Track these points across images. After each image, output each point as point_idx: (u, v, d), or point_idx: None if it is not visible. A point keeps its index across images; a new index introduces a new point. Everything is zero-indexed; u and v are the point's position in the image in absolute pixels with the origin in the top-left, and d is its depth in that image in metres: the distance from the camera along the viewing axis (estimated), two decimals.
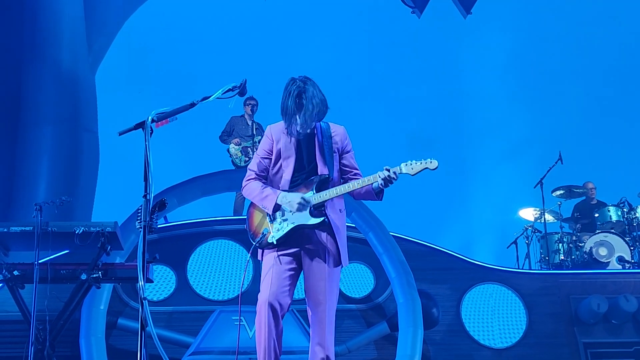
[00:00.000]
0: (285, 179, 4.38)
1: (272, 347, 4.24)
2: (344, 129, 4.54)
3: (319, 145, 4.40)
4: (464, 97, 17.93)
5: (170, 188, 7.71)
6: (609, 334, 8.12)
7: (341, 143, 4.47)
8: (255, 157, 4.53)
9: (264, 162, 4.47)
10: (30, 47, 10.59)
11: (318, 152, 4.39)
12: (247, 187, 4.46)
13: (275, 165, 4.44)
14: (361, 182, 4.30)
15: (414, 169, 4.26)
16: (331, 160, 4.39)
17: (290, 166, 4.38)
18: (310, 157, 4.40)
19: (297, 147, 4.40)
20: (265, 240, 4.33)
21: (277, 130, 4.47)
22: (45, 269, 5.78)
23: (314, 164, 4.38)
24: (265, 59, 16.99)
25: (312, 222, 4.25)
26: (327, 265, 4.32)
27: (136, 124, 3.80)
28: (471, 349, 8.02)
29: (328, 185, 4.34)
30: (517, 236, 11.05)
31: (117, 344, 7.64)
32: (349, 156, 4.50)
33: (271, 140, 4.45)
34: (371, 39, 18.34)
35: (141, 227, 3.67)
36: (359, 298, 8.19)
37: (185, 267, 8.17)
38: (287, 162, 4.39)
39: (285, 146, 4.40)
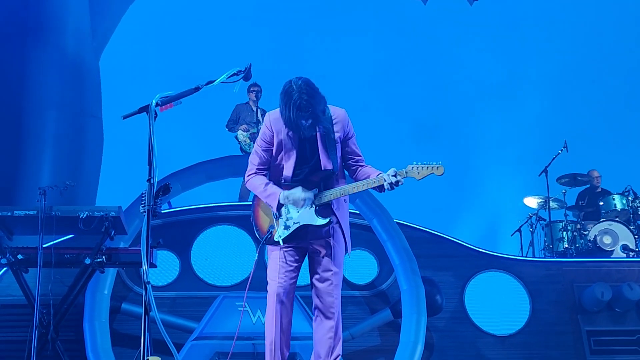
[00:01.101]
0: (286, 174, 4.34)
1: (279, 339, 4.26)
2: (344, 113, 4.47)
3: (321, 138, 4.34)
4: (469, 84, 17.87)
5: (174, 173, 7.70)
6: (613, 322, 8.11)
7: (343, 130, 4.41)
8: (256, 149, 4.47)
9: (265, 155, 4.42)
10: (35, 31, 10.56)
11: (320, 144, 4.33)
12: (250, 182, 4.44)
13: (277, 157, 4.39)
14: (367, 183, 4.27)
15: (420, 174, 4.25)
16: (334, 152, 4.34)
17: (292, 160, 4.34)
18: (313, 150, 4.34)
19: (300, 141, 4.35)
20: (271, 237, 4.34)
21: (276, 121, 4.38)
22: (49, 253, 5.79)
23: (317, 157, 4.34)
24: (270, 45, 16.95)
25: (319, 222, 4.25)
26: (332, 253, 4.32)
27: (140, 107, 3.79)
28: (474, 336, 8.02)
29: (332, 178, 4.31)
30: (522, 224, 11.03)
31: (120, 328, 7.65)
32: (351, 142, 4.46)
33: (271, 132, 4.38)
34: (376, 25, 18.26)
35: (145, 211, 3.67)
36: (363, 285, 8.18)
37: (189, 252, 8.17)
38: (289, 155, 4.34)
39: (286, 139, 4.35)
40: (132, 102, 4.08)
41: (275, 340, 4.27)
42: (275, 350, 4.28)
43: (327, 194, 4.25)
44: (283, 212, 4.28)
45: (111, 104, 12.10)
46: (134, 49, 16.74)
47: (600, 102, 17.51)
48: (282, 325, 4.27)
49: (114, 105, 11.00)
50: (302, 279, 4.81)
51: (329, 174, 4.30)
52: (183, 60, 16.96)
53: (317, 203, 4.26)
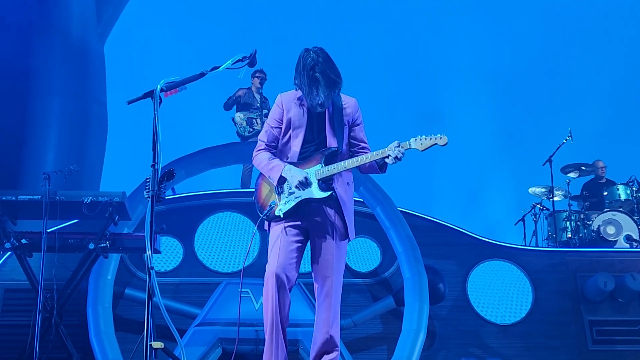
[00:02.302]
0: (294, 150, 4.36)
1: (279, 319, 4.24)
2: (355, 101, 4.49)
3: (329, 118, 4.36)
4: (474, 73, 17.83)
5: (178, 160, 7.70)
6: (615, 312, 8.11)
7: (352, 115, 4.43)
8: (266, 127, 4.49)
9: (274, 132, 4.43)
10: (40, 17, 10.54)
11: (328, 124, 4.35)
12: (256, 158, 4.45)
13: (285, 135, 4.41)
14: (370, 156, 4.26)
15: (423, 145, 4.21)
16: (341, 132, 4.35)
17: (300, 137, 4.35)
18: (320, 128, 4.36)
19: (308, 119, 4.36)
20: (272, 212, 4.32)
21: (288, 100, 4.42)
22: (53, 238, 5.81)
23: (324, 136, 4.35)
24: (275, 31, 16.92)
25: (320, 195, 4.24)
26: (333, 239, 4.32)
27: (145, 93, 3.78)
28: (477, 324, 8.03)
29: (336, 158, 4.32)
30: (525, 213, 11.02)
31: (124, 313, 7.68)
32: (358, 129, 4.47)
33: (282, 109, 4.41)
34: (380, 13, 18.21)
35: (149, 197, 3.66)
36: (366, 272, 8.20)
37: (192, 238, 8.19)
38: (297, 132, 4.36)
39: (295, 116, 4.37)
40: (137, 87, 4.08)
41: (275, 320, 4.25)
42: (276, 330, 4.26)
43: (329, 168, 4.25)
44: (285, 187, 4.27)
45: (116, 89, 12.09)
46: (138, 34, 16.73)
47: (605, 91, 17.47)
48: (280, 305, 4.24)
49: (119, 91, 11.02)
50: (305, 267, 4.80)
51: (334, 152, 4.30)
52: (188, 46, 16.94)
53: (319, 177, 4.25)
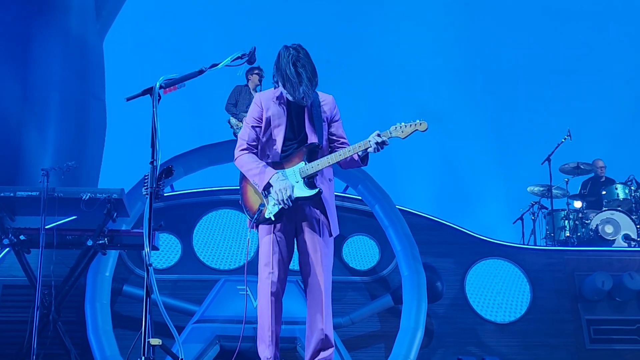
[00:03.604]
0: (275, 149, 4.34)
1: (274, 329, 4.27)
2: (332, 98, 4.50)
3: (308, 114, 4.36)
4: (473, 72, 17.83)
5: (177, 156, 7.70)
6: (613, 311, 8.12)
7: (330, 112, 4.43)
8: (245, 126, 4.45)
9: (255, 131, 4.41)
10: (39, 13, 10.53)
11: (307, 120, 4.35)
12: (240, 159, 4.40)
13: (265, 133, 4.39)
14: (352, 148, 4.24)
15: (404, 132, 4.22)
16: (320, 128, 4.35)
17: (281, 135, 4.33)
18: (300, 125, 4.35)
19: (287, 116, 4.35)
20: (262, 215, 4.29)
21: (266, 98, 4.41)
22: (52, 234, 5.80)
23: (304, 133, 4.34)
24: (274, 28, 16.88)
25: (308, 194, 4.22)
26: (321, 237, 4.30)
27: (144, 90, 3.78)
28: (475, 323, 8.04)
29: (318, 154, 4.31)
30: (524, 212, 11.03)
31: (122, 310, 7.68)
32: (337, 125, 4.45)
33: (260, 108, 4.39)
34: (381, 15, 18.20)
35: (148, 194, 3.66)
36: (364, 270, 8.20)
37: (190, 235, 8.19)
38: (277, 130, 4.34)
39: (275, 115, 4.36)
40: (136, 84, 4.07)
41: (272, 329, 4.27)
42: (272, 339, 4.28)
43: (314, 164, 4.24)
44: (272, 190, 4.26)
45: (114, 86, 12.08)
46: (138, 31, 16.71)
47: (604, 90, 17.48)
48: (276, 315, 4.27)
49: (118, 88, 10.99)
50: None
51: (315, 148, 4.29)
52: (187, 43, 16.93)
53: (304, 175, 4.24)
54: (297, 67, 4.17)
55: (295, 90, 4.22)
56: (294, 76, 4.18)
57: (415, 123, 4.22)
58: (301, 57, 4.20)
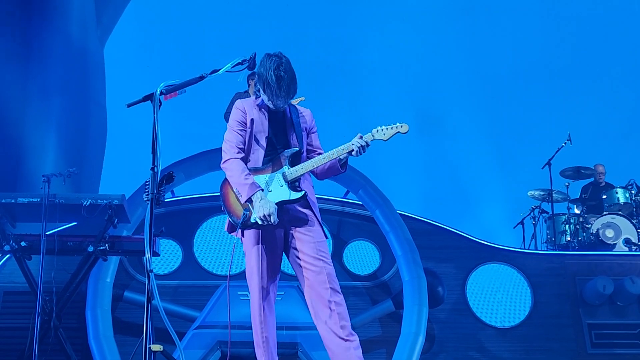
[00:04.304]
0: (257, 155, 4.35)
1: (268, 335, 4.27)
2: (310, 112, 4.57)
3: (289, 121, 4.41)
4: (474, 77, 17.84)
5: (177, 162, 7.70)
6: (614, 316, 8.12)
7: (309, 123, 4.50)
8: (230, 131, 4.42)
9: (240, 135, 4.40)
10: (40, 18, 10.56)
11: (288, 127, 4.39)
12: (228, 164, 4.34)
13: (248, 140, 4.39)
14: (335, 152, 4.25)
15: (386, 135, 4.26)
16: (301, 136, 4.39)
17: (263, 141, 4.35)
18: (282, 132, 4.39)
19: (270, 123, 4.38)
20: (247, 220, 4.24)
21: (249, 105, 4.44)
22: (53, 240, 5.81)
23: (286, 139, 4.38)
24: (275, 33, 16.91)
25: (294, 196, 4.23)
26: (312, 237, 4.29)
27: (145, 96, 3.78)
28: (476, 327, 8.03)
29: (299, 159, 4.33)
30: (524, 216, 11.03)
31: (123, 316, 7.68)
32: (314, 136, 4.52)
33: (244, 113, 4.40)
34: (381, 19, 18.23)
35: (148, 200, 3.66)
36: (365, 275, 8.19)
37: (191, 241, 8.19)
38: (260, 136, 4.36)
39: (257, 121, 4.38)
40: (136, 90, 4.08)
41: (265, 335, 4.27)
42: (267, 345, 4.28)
43: (298, 168, 4.25)
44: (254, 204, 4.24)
45: (115, 91, 12.10)
46: (138, 37, 16.74)
47: (604, 95, 17.49)
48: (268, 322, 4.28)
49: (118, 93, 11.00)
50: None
51: (296, 153, 4.32)
52: (187, 49, 16.95)
53: (289, 179, 4.25)
54: (278, 72, 4.22)
55: (274, 94, 4.25)
56: (274, 82, 4.21)
57: (397, 125, 4.27)
58: (283, 63, 4.25)
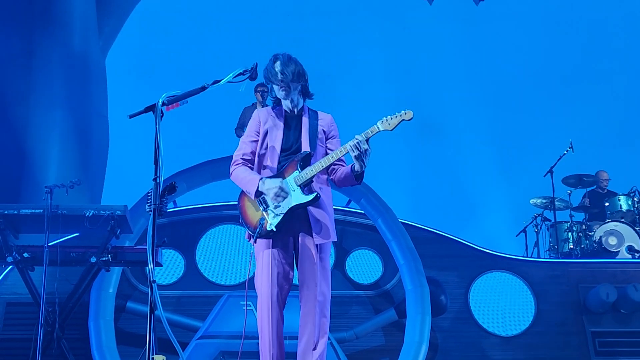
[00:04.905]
0: (272, 161, 4.38)
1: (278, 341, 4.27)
2: (331, 117, 4.57)
3: (304, 125, 4.42)
4: (475, 84, 17.86)
5: (179, 172, 7.71)
6: (618, 324, 8.09)
7: (327, 127, 4.49)
8: (242, 142, 4.51)
9: (251, 145, 4.47)
10: (42, 29, 10.59)
11: (304, 130, 4.41)
12: (234, 173, 4.47)
13: (262, 146, 4.44)
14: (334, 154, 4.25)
15: (391, 124, 4.24)
16: (315, 139, 4.39)
17: (277, 146, 4.39)
18: (296, 137, 4.41)
19: (284, 128, 4.42)
20: (264, 229, 4.27)
21: (264, 113, 4.50)
22: (55, 251, 5.82)
23: (299, 143, 4.39)
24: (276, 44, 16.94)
25: (306, 199, 4.23)
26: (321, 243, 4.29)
27: (147, 107, 3.79)
28: (479, 336, 8.02)
29: (311, 162, 4.33)
30: (527, 224, 11.02)
31: (125, 327, 7.67)
32: (335, 142, 4.49)
33: (258, 122, 4.48)
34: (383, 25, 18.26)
35: (151, 211, 3.67)
36: (367, 284, 8.19)
37: (194, 251, 8.19)
38: (274, 142, 4.40)
39: (271, 127, 4.43)
40: (138, 100, 4.08)
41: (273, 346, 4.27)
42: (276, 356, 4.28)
43: (307, 171, 4.26)
44: (269, 202, 4.28)
45: (117, 102, 12.12)
46: (140, 48, 16.78)
47: (605, 102, 17.49)
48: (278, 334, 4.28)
49: (120, 104, 11.04)
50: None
51: (307, 156, 4.31)
52: (189, 60, 16.98)
53: (300, 183, 4.26)
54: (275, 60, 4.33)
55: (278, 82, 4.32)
56: (273, 69, 4.31)
57: (401, 114, 4.26)
58: (285, 56, 4.34)
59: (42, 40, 10.54)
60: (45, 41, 10.55)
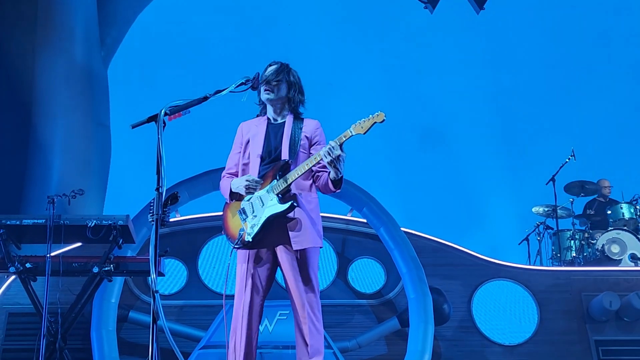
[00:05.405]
0: (253, 170, 4.42)
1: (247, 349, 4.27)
2: (317, 122, 4.57)
3: (286, 133, 4.44)
4: (476, 92, 17.88)
5: (181, 182, 7.72)
6: (621, 332, 8.07)
7: (311, 132, 4.49)
8: (229, 157, 4.64)
9: (235, 158, 4.58)
10: (44, 40, 10.61)
11: (284, 138, 4.42)
12: (220, 187, 4.60)
13: (244, 156, 4.51)
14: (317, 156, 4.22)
15: (363, 127, 4.23)
16: (296, 146, 4.38)
17: (257, 154, 4.42)
18: (277, 144, 4.43)
19: (265, 137, 4.46)
20: (242, 239, 4.30)
21: (247, 125, 4.61)
22: (58, 261, 5.80)
23: (279, 151, 4.41)
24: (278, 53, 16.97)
25: (282, 208, 4.23)
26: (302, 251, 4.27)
27: (149, 117, 3.80)
28: (482, 345, 8.00)
29: (288, 170, 4.32)
30: (529, 233, 11.01)
31: (128, 337, 7.66)
32: (320, 148, 4.42)
33: (241, 135, 4.60)
34: (384, 33, 18.31)
35: (153, 221, 3.67)
36: (370, 293, 8.18)
37: (196, 261, 8.19)
38: (254, 151, 4.45)
39: (253, 136, 4.49)
40: (140, 110, 4.09)
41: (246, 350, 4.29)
42: None
43: (284, 179, 4.26)
44: (248, 212, 4.27)
45: (119, 112, 12.14)
46: (142, 58, 16.82)
47: (607, 110, 17.49)
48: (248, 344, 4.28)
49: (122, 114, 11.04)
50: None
51: (285, 165, 4.30)
52: (191, 70, 17.02)
53: (277, 191, 4.25)
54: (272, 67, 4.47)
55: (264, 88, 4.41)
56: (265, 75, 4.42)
57: (373, 116, 4.27)
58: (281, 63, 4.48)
59: (45, 51, 10.55)
60: (47, 52, 10.57)
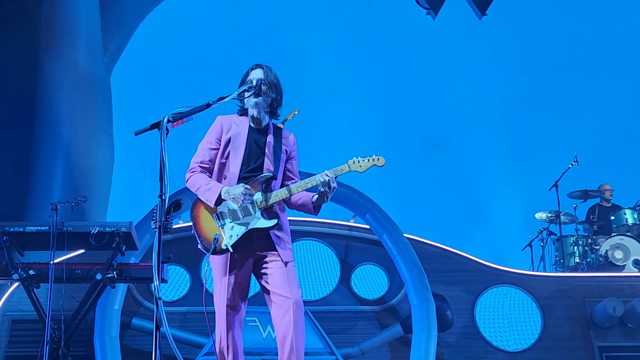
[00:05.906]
0: (232, 172, 4.33)
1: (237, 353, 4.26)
2: (293, 136, 4.54)
3: (269, 142, 4.38)
4: (479, 98, 17.88)
5: (184, 188, 7.67)
6: (625, 338, 8.05)
7: (290, 147, 4.47)
8: (201, 149, 4.46)
9: (210, 153, 4.41)
10: (47, 47, 10.64)
11: (267, 148, 4.36)
12: (191, 179, 4.40)
13: (222, 155, 4.39)
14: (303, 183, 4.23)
15: (362, 167, 4.22)
16: (278, 160, 4.36)
17: (239, 158, 4.33)
18: (259, 153, 4.36)
19: (248, 140, 4.37)
20: (218, 246, 4.25)
21: (228, 120, 4.46)
22: (61, 268, 5.80)
23: (262, 160, 4.34)
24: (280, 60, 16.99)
25: (266, 225, 4.21)
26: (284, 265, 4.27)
27: (152, 124, 3.81)
28: (485, 351, 7.98)
29: (272, 184, 4.30)
30: (532, 238, 11.00)
31: (131, 344, 7.66)
32: (294, 162, 4.49)
33: (221, 130, 4.42)
34: (386, 40, 18.32)
35: (156, 227, 3.67)
36: (373, 300, 8.17)
37: (199, 267, 8.18)
38: (236, 152, 4.34)
39: (234, 136, 4.37)
40: (143, 117, 4.10)
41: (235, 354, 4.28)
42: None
43: (271, 196, 4.22)
44: (227, 219, 4.24)
45: (122, 119, 12.15)
46: (145, 65, 16.84)
47: (610, 116, 17.49)
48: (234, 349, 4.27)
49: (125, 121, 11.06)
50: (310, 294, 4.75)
51: (270, 179, 4.28)
52: (194, 76, 17.04)
53: (262, 206, 4.23)
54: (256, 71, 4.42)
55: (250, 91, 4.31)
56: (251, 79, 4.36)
57: (373, 158, 4.24)
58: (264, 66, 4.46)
59: (48, 59, 10.58)
60: (51, 59, 10.59)
